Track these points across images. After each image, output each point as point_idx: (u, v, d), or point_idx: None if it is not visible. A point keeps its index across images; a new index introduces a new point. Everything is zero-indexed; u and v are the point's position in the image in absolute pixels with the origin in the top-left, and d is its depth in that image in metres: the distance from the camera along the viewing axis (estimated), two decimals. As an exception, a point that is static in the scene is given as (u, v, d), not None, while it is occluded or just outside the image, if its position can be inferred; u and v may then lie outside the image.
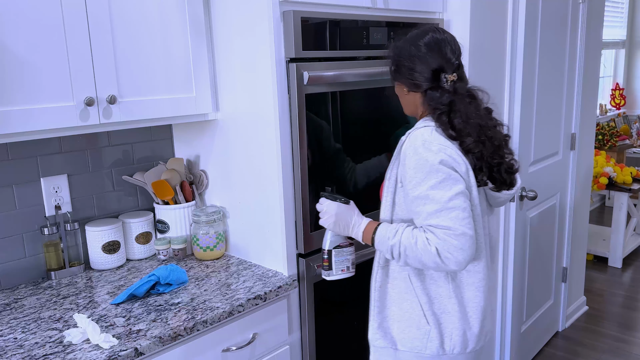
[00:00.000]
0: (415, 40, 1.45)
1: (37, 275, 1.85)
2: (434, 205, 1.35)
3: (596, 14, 3.22)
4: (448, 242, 1.33)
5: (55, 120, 1.52)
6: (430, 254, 1.35)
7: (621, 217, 4.31)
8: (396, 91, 1.56)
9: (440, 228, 1.34)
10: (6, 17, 1.41)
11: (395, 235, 1.41)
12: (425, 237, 1.36)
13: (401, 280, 1.50)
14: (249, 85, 1.78)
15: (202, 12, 1.82)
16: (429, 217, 1.36)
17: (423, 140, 1.40)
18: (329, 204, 1.55)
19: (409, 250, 1.38)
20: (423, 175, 1.37)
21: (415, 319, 1.48)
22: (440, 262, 1.35)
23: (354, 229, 1.52)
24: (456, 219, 1.34)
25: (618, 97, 6.18)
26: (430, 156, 1.37)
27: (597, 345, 3.24)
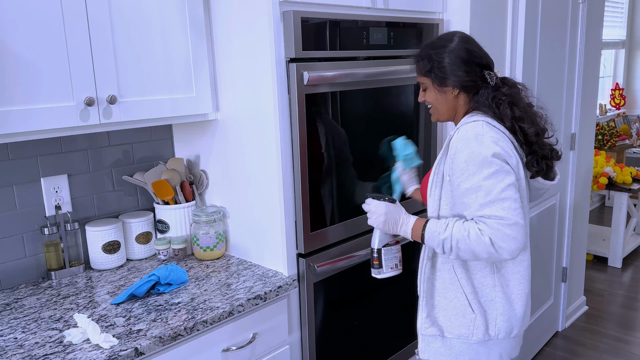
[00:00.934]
0: (457, 45, 1.51)
1: (37, 275, 1.85)
2: (487, 196, 1.39)
3: (596, 14, 3.22)
4: (501, 232, 1.37)
5: (56, 120, 1.52)
6: (484, 244, 1.38)
7: (621, 217, 4.31)
8: (432, 99, 1.57)
9: (493, 218, 1.38)
10: (6, 17, 1.41)
11: (445, 230, 1.45)
12: (477, 229, 1.40)
13: (446, 271, 1.55)
14: (249, 85, 1.78)
15: (202, 12, 1.82)
16: (482, 207, 1.40)
17: (475, 133, 1.44)
18: (376, 203, 1.58)
19: (461, 243, 1.41)
20: (475, 167, 1.40)
21: (460, 307, 1.54)
22: (494, 252, 1.39)
23: (403, 226, 1.56)
24: (509, 209, 1.38)
25: (618, 97, 6.18)
26: (483, 149, 1.41)
27: (597, 345, 3.24)
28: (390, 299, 2.21)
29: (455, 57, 1.50)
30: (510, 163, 1.44)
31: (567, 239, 3.25)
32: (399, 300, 2.24)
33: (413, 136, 2.20)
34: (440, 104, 1.57)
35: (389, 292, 2.20)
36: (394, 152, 1.85)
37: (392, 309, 2.24)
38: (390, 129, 2.08)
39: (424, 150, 2.24)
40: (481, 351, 1.55)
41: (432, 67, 1.52)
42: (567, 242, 3.26)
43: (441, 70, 1.51)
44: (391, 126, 2.09)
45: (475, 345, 1.55)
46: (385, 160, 1.91)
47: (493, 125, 1.47)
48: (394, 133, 2.11)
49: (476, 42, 1.56)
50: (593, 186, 4.26)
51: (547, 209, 2.98)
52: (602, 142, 5.22)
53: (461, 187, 1.44)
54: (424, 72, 1.55)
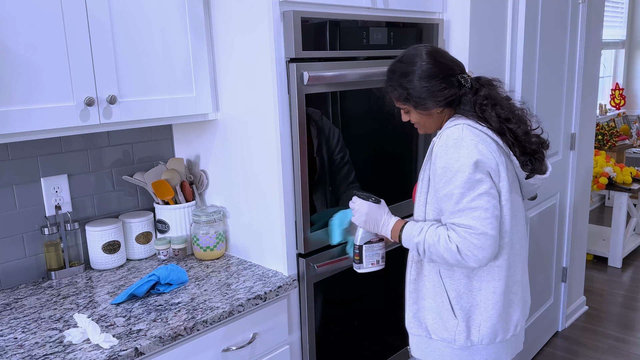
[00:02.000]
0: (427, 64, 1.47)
1: (38, 275, 1.85)
2: (457, 205, 1.41)
3: (596, 14, 3.22)
4: (468, 241, 1.39)
5: (56, 120, 1.52)
6: (451, 251, 1.41)
7: (621, 217, 4.31)
8: (418, 119, 1.56)
9: (463, 227, 1.40)
10: (6, 17, 1.41)
11: (420, 233, 1.48)
12: (447, 235, 1.42)
13: (432, 274, 1.56)
14: (249, 85, 1.78)
15: (202, 12, 1.82)
16: (452, 215, 1.42)
17: (454, 139, 1.44)
18: (360, 202, 1.62)
19: (432, 247, 1.45)
20: (451, 174, 1.42)
21: (444, 312, 1.54)
22: (461, 259, 1.41)
23: (383, 227, 1.59)
24: (478, 219, 1.39)
25: (618, 97, 6.18)
26: (461, 155, 1.41)
27: (597, 345, 3.24)
28: (390, 299, 2.21)
29: (428, 77, 1.47)
30: (489, 167, 1.43)
31: (567, 239, 3.25)
32: (398, 300, 2.24)
33: (412, 136, 2.21)
34: (427, 122, 1.57)
35: (389, 292, 2.20)
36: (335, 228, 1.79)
37: (392, 309, 2.24)
38: (390, 129, 2.08)
39: (423, 151, 2.24)
40: (464, 356, 1.55)
41: (407, 95, 1.50)
42: (567, 242, 3.26)
43: (419, 96, 1.49)
44: (391, 126, 2.09)
45: (458, 350, 1.55)
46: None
47: (475, 127, 1.46)
48: (393, 132, 2.11)
49: (444, 51, 1.54)
50: (593, 186, 4.26)
51: (547, 209, 2.98)
52: (602, 142, 5.22)
53: (439, 193, 1.46)
54: (402, 100, 1.53)
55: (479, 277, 1.52)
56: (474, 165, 1.40)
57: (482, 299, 1.52)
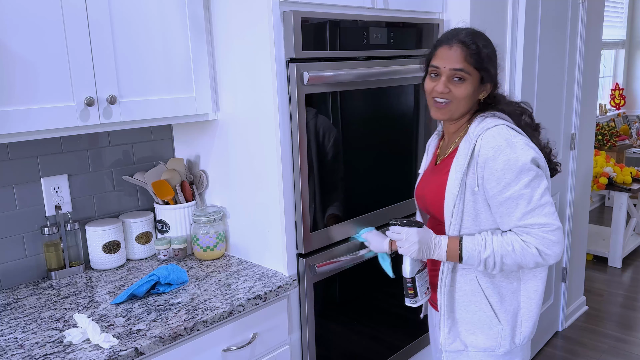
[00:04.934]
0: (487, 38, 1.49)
1: (38, 275, 1.85)
2: (529, 205, 1.37)
3: (596, 14, 3.22)
4: (546, 239, 1.36)
5: (56, 120, 1.52)
6: (531, 255, 1.37)
7: (621, 217, 4.31)
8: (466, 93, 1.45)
9: (537, 227, 1.37)
10: (6, 17, 1.41)
11: (486, 247, 1.40)
12: (521, 240, 1.38)
13: (467, 283, 1.50)
14: (249, 85, 1.78)
15: (202, 12, 1.82)
16: (524, 216, 1.37)
17: (505, 138, 1.39)
18: (407, 231, 1.47)
19: (506, 258, 1.39)
20: (513, 175, 1.37)
21: (485, 320, 1.49)
22: (542, 261, 1.38)
23: (436, 250, 1.47)
24: (549, 215, 1.37)
25: (618, 97, 6.18)
26: (519, 154, 1.37)
27: (597, 345, 3.24)
28: (390, 299, 2.21)
29: (496, 53, 1.48)
30: (542, 165, 1.42)
31: (567, 239, 3.25)
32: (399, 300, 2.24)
33: (412, 136, 2.21)
34: (468, 101, 1.47)
35: (389, 292, 2.20)
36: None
37: (392, 309, 2.24)
38: (390, 129, 2.08)
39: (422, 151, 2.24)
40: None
41: (489, 61, 1.45)
42: (567, 242, 3.26)
43: (494, 66, 1.47)
44: (391, 126, 2.09)
45: (501, 356, 1.51)
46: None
47: (513, 127, 1.43)
48: (393, 132, 2.11)
49: None
50: (593, 186, 4.26)
51: (547, 209, 2.97)
52: (602, 142, 5.22)
53: (498, 198, 1.39)
54: (476, 62, 1.43)
55: (520, 277, 1.49)
56: (534, 163, 1.38)
57: (524, 298, 1.49)
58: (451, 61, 1.44)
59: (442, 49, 1.46)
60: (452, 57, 1.44)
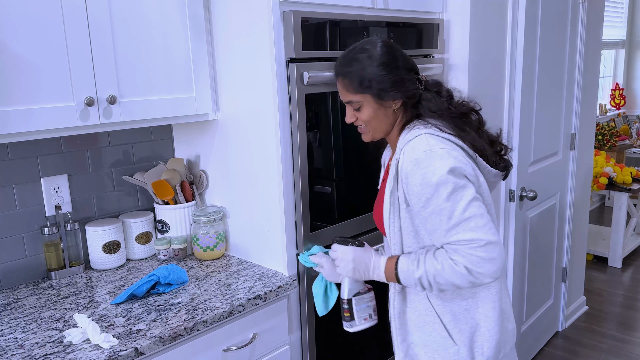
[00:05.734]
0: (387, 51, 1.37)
1: (38, 275, 1.85)
2: (450, 220, 1.27)
3: (596, 14, 3.22)
4: (475, 257, 1.26)
5: (56, 120, 1.52)
6: (461, 275, 1.27)
7: (621, 217, 4.32)
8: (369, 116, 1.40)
9: (463, 243, 1.26)
10: (6, 17, 1.41)
11: (418, 267, 1.32)
12: (450, 259, 1.28)
13: (419, 302, 1.42)
14: (249, 85, 1.78)
15: (202, 12, 1.82)
16: (448, 233, 1.28)
17: (423, 150, 1.30)
18: (343, 249, 1.44)
19: (438, 277, 1.30)
20: (432, 189, 1.27)
21: (440, 341, 1.41)
22: (475, 280, 1.28)
23: (375, 271, 1.41)
24: (477, 229, 1.26)
25: (618, 97, 6.18)
26: (437, 166, 1.28)
27: (597, 345, 3.24)
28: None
29: (391, 66, 1.36)
30: (467, 173, 1.31)
31: (567, 239, 3.25)
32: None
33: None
34: (379, 121, 1.41)
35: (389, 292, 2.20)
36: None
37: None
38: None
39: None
40: None
41: (370, 80, 1.35)
42: (567, 242, 3.26)
43: (382, 83, 1.35)
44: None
45: None
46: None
47: (437, 135, 1.34)
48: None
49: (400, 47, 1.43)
50: (593, 186, 4.26)
51: (547, 209, 2.98)
52: (602, 142, 5.22)
53: (421, 214, 1.31)
54: (357, 88, 1.37)
55: (475, 293, 1.39)
56: (454, 173, 1.28)
57: (481, 316, 1.40)
58: (341, 95, 1.44)
59: (337, 81, 1.44)
60: (340, 90, 1.43)
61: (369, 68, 1.35)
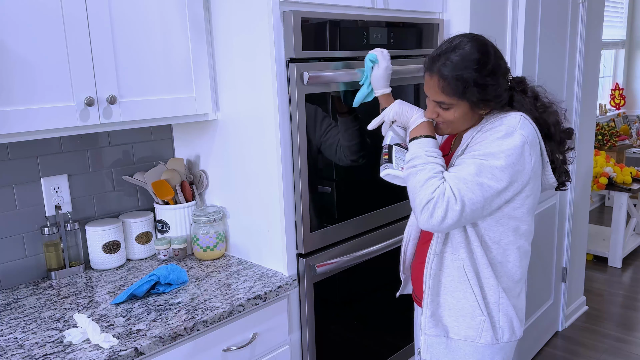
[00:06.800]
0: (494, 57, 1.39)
1: (37, 275, 1.85)
2: (467, 175, 1.34)
3: (596, 14, 3.22)
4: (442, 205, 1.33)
5: (56, 120, 1.52)
6: (425, 195, 1.35)
7: (621, 217, 4.32)
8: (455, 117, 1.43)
9: (452, 192, 1.33)
10: (6, 17, 1.41)
11: (430, 157, 1.39)
12: (438, 184, 1.35)
13: (455, 269, 1.48)
14: (249, 85, 1.78)
15: (202, 12, 1.82)
16: (455, 178, 1.34)
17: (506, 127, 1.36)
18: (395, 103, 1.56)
19: (420, 174, 1.37)
20: (487, 150, 1.34)
21: (469, 308, 1.48)
22: (421, 207, 1.35)
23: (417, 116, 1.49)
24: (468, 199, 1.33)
25: (618, 97, 6.18)
26: (503, 146, 1.34)
27: (597, 345, 3.24)
28: (390, 299, 2.21)
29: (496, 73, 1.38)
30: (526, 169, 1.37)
31: (567, 239, 3.25)
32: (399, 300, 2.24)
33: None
34: (463, 122, 1.45)
35: (389, 292, 2.20)
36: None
37: (392, 309, 2.24)
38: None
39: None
40: (487, 354, 1.50)
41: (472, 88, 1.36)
42: (567, 242, 3.26)
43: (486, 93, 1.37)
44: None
45: (481, 348, 1.49)
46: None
47: (531, 122, 1.40)
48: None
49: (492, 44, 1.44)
50: (593, 186, 4.26)
51: (547, 209, 2.98)
52: (602, 142, 5.22)
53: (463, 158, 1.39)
54: (456, 94, 1.37)
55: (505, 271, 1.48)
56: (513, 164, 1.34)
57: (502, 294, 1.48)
58: (431, 92, 1.43)
59: (426, 75, 1.44)
60: (432, 88, 1.42)
61: (476, 77, 1.36)
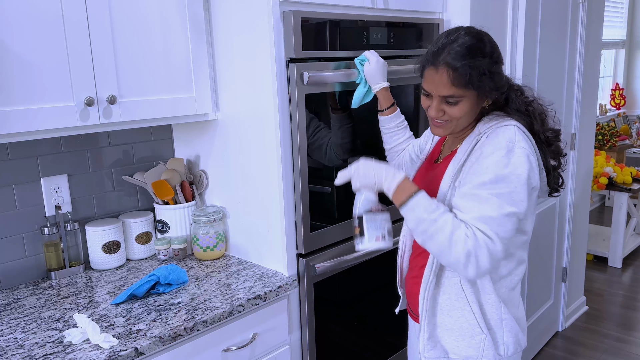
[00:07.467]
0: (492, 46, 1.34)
1: (37, 275, 1.85)
2: (492, 212, 1.26)
3: (596, 14, 3.22)
4: (484, 251, 1.26)
5: (56, 120, 1.51)
6: (462, 250, 1.25)
7: (621, 217, 4.32)
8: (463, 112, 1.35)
9: (485, 234, 1.26)
10: (6, 17, 1.41)
11: (434, 211, 1.28)
12: (465, 233, 1.26)
13: (451, 287, 1.42)
14: (249, 85, 1.78)
15: (202, 12, 1.82)
16: (480, 219, 1.26)
17: (507, 140, 1.30)
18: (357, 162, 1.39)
19: (439, 234, 1.27)
20: (494, 177, 1.27)
21: (467, 327, 1.42)
22: (463, 263, 1.26)
23: (387, 181, 1.34)
24: (503, 235, 1.27)
25: (618, 97, 6.18)
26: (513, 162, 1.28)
27: (597, 345, 3.24)
28: (391, 299, 2.21)
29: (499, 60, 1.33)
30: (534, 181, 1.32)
31: (567, 239, 3.25)
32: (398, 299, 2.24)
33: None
34: (468, 118, 1.37)
35: (389, 292, 2.20)
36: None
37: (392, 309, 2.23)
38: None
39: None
40: None
41: (482, 77, 1.30)
42: (567, 242, 3.26)
43: (493, 80, 1.32)
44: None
45: None
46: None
47: (524, 132, 1.34)
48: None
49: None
50: (593, 186, 4.26)
51: (547, 209, 2.98)
52: (602, 142, 5.22)
53: (468, 190, 1.30)
54: (466, 83, 1.30)
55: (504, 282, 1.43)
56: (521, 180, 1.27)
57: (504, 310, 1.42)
58: (439, 87, 1.33)
59: (429, 71, 1.34)
60: (439, 82, 1.32)
61: (484, 64, 1.30)
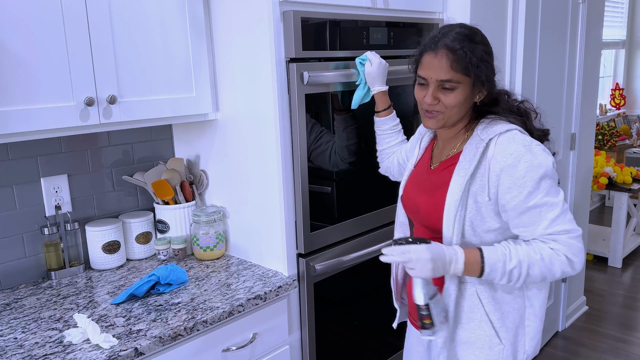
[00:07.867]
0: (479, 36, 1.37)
1: (37, 275, 1.85)
2: (555, 211, 1.29)
3: (596, 14, 3.22)
4: (574, 246, 1.29)
5: (56, 120, 1.52)
6: (560, 263, 1.29)
7: (621, 217, 4.31)
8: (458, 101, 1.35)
9: (563, 233, 1.29)
10: (6, 17, 1.41)
11: (511, 258, 1.29)
12: (549, 248, 1.29)
13: (467, 298, 1.40)
14: (249, 85, 1.78)
15: (202, 12, 1.82)
16: (553, 224, 1.29)
17: (523, 144, 1.30)
18: (416, 248, 1.30)
19: (533, 268, 1.29)
20: (535, 182, 1.28)
21: (485, 339, 1.40)
22: (570, 270, 1.30)
23: (452, 265, 1.31)
24: (572, 221, 1.30)
25: (618, 97, 6.18)
26: (541, 160, 1.29)
27: (597, 345, 3.24)
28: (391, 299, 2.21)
29: (491, 54, 1.37)
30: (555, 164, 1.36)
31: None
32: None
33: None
34: (460, 110, 1.37)
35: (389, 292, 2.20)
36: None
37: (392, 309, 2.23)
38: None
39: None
40: None
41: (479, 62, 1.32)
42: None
43: (489, 67, 1.35)
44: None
45: None
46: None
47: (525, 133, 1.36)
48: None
49: None
50: (593, 186, 4.26)
51: (547, 209, 2.97)
52: (602, 142, 5.22)
53: (520, 207, 1.29)
54: (464, 68, 1.31)
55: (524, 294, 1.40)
56: (553, 168, 1.30)
57: (531, 316, 1.41)
58: (437, 71, 1.33)
59: (428, 57, 1.35)
60: (438, 66, 1.33)
61: (482, 50, 1.34)
